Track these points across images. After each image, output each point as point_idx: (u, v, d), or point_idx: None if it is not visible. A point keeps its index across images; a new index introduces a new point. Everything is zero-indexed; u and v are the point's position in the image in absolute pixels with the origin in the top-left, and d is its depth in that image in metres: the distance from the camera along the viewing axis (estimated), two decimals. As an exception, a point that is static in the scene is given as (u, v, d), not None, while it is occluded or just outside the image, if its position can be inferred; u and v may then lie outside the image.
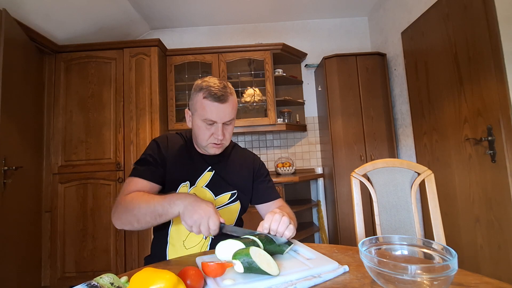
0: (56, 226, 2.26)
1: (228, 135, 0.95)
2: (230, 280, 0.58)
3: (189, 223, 0.72)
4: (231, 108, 0.92)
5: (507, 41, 1.41)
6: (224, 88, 0.90)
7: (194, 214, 0.71)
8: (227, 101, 0.90)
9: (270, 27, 3.12)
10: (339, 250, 0.78)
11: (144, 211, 0.78)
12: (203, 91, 0.90)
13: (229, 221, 1.00)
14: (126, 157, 2.32)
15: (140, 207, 0.78)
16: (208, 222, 0.70)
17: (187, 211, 0.72)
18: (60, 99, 2.37)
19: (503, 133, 1.43)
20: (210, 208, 0.72)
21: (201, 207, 0.72)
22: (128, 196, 0.83)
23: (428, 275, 0.48)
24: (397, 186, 1.16)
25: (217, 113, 0.89)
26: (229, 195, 1.00)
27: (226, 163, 1.04)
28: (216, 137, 0.91)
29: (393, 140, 2.50)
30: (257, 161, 1.11)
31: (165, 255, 0.93)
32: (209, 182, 0.98)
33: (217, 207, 0.97)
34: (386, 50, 2.69)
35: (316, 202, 2.90)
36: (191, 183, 0.96)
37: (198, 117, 0.91)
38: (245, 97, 2.71)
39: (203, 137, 0.93)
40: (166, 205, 0.76)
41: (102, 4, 2.35)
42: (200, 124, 0.92)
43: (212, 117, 0.89)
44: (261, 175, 1.08)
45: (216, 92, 0.88)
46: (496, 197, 1.49)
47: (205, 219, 0.70)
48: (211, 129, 0.91)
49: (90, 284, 0.50)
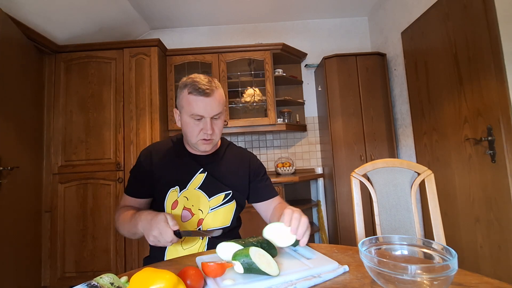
0: (56, 226, 2.26)
1: (217, 130, 0.94)
2: (230, 280, 0.58)
3: (151, 243, 0.76)
4: (218, 101, 0.91)
5: (507, 41, 1.41)
6: (209, 82, 0.90)
7: (149, 235, 0.75)
8: (213, 95, 0.90)
9: (270, 27, 3.12)
10: (339, 250, 0.78)
11: (126, 230, 0.90)
12: (188, 87, 0.90)
13: (225, 221, 0.99)
14: (126, 157, 2.32)
15: (123, 227, 0.90)
16: (163, 236, 0.73)
17: (145, 231, 0.77)
18: (60, 99, 2.37)
19: (503, 133, 1.43)
20: (160, 222, 0.74)
21: (152, 226, 0.74)
22: (118, 212, 0.95)
23: (428, 275, 0.48)
24: (397, 186, 1.16)
25: (204, 107, 0.89)
26: (223, 196, 0.99)
27: (220, 163, 1.03)
28: (206, 132, 0.90)
29: (393, 140, 2.50)
30: (254, 159, 1.10)
31: (163, 256, 0.93)
32: (202, 183, 0.97)
33: (212, 208, 0.97)
34: (386, 50, 2.69)
35: (316, 202, 2.90)
36: (181, 187, 0.96)
37: (186, 113, 0.91)
38: (245, 97, 2.71)
39: (192, 133, 0.92)
40: (133, 228, 0.83)
41: (102, 4, 2.35)
42: (188, 121, 0.91)
43: (199, 112, 0.89)
44: (258, 174, 1.07)
45: (200, 86, 0.88)
46: (496, 197, 1.49)
47: (159, 236, 0.73)
48: (200, 124, 0.91)
49: (90, 284, 0.50)
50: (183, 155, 1.01)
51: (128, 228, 0.87)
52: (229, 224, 1.00)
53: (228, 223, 1.00)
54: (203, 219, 0.96)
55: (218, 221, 0.98)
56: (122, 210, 0.95)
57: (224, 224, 0.99)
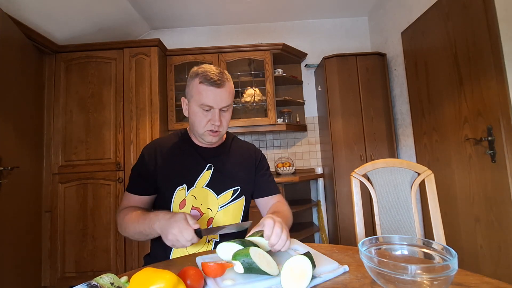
0: (56, 226, 2.26)
1: (225, 122, 0.93)
2: (230, 280, 0.58)
3: (169, 243, 0.73)
4: (228, 93, 0.90)
5: (507, 41, 1.41)
6: (220, 73, 0.89)
7: (169, 234, 0.72)
8: (224, 86, 0.89)
9: (270, 27, 3.12)
10: (339, 250, 0.78)
11: (134, 231, 0.84)
12: (199, 76, 0.88)
13: (235, 218, 0.98)
14: (126, 157, 2.32)
15: (130, 227, 0.85)
16: (183, 235, 0.70)
17: (164, 232, 0.74)
18: (60, 99, 2.37)
19: (503, 133, 1.43)
20: (180, 220, 0.72)
21: (172, 224, 0.72)
22: (122, 213, 0.90)
23: (428, 275, 0.48)
24: (397, 186, 1.16)
25: (214, 97, 0.88)
26: (232, 192, 0.97)
27: (227, 157, 1.01)
28: (213, 123, 0.89)
29: (393, 140, 2.50)
30: (258, 152, 1.10)
31: (168, 255, 0.92)
32: (210, 181, 0.95)
33: (221, 206, 0.95)
34: (386, 50, 2.69)
35: (316, 202, 2.90)
36: (188, 185, 0.93)
37: (195, 103, 0.90)
38: (245, 97, 2.71)
39: (199, 124, 0.91)
40: (147, 228, 0.80)
41: (102, 4, 2.35)
42: (197, 110, 0.90)
43: (208, 102, 0.88)
44: (262, 167, 1.07)
45: (212, 77, 0.87)
46: (496, 197, 1.49)
47: (179, 235, 0.71)
48: (208, 115, 0.89)
49: (90, 284, 0.50)
50: (189, 149, 0.99)
51: (140, 229, 0.82)
52: (240, 222, 1.00)
53: (238, 221, 0.99)
54: (213, 218, 0.94)
55: (229, 219, 0.96)
56: (126, 210, 0.90)
57: (235, 222, 0.98)
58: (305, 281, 0.55)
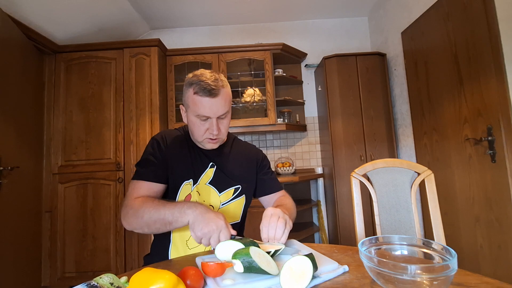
0: (56, 226, 2.26)
1: (223, 129, 0.93)
2: (230, 280, 0.58)
3: (199, 235, 0.71)
4: (224, 101, 0.89)
5: (507, 41, 1.41)
6: (215, 81, 0.86)
7: (205, 227, 0.70)
8: (219, 95, 0.87)
9: (270, 27, 3.12)
10: (339, 250, 0.77)
11: (154, 219, 0.78)
12: (193, 86, 0.87)
13: (235, 216, 0.98)
14: (126, 157, 2.32)
15: (150, 214, 0.78)
16: (219, 235, 0.69)
17: (197, 222, 0.72)
18: (60, 99, 2.37)
19: (503, 133, 1.43)
20: (221, 221, 0.71)
21: (212, 220, 0.71)
22: (137, 200, 0.83)
23: (428, 275, 0.48)
24: (397, 186, 1.16)
25: (210, 108, 0.86)
26: (233, 190, 0.98)
27: (228, 157, 1.02)
28: (211, 132, 0.89)
29: (393, 140, 2.50)
30: (260, 153, 1.11)
31: (168, 255, 0.92)
32: (212, 179, 0.96)
33: (222, 203, 0.96)
34: (386, 50, 2.69)
35: (316, 202, 2.90)
36: (194, 180, 0.94)
37: (191, 113, 0.89)
38: (245, 97, 2.71)
39: (198, 133, 0.91)
40: (176, 214, 0.75)
41: (102, 4, 2.35)
42: (194, 120, 0.89)
43: (204, 113, 0.87)
44: (264, 166, 1.08)
45: (206, 86, 0.84)
46: (496, 197, 1.49)
47: (216, 233, 0.69)
48: (206, 124, 0.89)
49: (90, 284, 0.50)
50: (193, 146, 0.99)
51: (162, 215, 0.76)
52: (239, 220, 1.00)
53: (238, 219, 1.00)
54: None
55: (229, 217, 0.97)
56: (143, 198, 0.83)
57: (234, 220, 0.99)
58: (305, 281, 0.55)
